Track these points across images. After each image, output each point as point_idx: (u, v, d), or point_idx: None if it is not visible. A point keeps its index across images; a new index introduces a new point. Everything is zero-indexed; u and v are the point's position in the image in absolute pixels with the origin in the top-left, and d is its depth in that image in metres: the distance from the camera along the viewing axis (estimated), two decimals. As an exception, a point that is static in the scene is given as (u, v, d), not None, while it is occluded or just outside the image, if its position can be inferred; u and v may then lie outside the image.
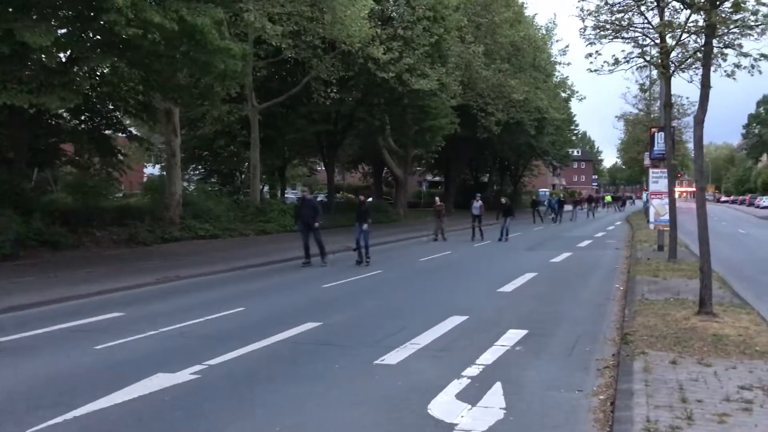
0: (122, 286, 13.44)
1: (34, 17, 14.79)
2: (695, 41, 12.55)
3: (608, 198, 78.32)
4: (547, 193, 73.59)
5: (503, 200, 29.22)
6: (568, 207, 54.21)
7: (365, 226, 17.53)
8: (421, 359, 7.67)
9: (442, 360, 7.65)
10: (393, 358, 7.68)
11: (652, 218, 22.16)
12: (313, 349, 8.23)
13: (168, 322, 9.77)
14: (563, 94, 58.35)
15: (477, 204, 28.01)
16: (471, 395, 6.25)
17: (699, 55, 11.66)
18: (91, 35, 16.98)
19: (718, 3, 9.63)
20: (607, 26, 13.83)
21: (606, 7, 13.00)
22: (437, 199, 31.71)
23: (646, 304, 10.67)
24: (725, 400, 5.72)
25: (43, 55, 15.72)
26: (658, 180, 21.65)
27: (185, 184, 32.27)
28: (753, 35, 10.39)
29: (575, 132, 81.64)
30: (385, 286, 14.22)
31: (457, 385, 6.55)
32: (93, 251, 19.59)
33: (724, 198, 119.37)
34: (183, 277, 14.87)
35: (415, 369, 7.26)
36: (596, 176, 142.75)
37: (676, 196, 19.78)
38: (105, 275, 14.78)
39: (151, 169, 44.44)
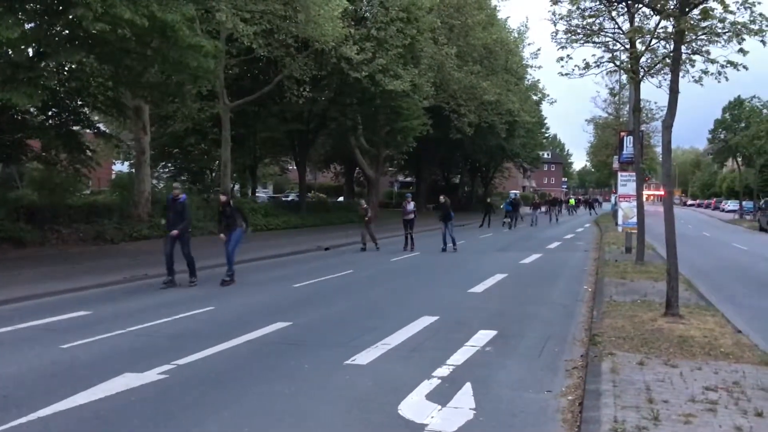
0: (89, 284, 13.21)
1: (0, 10, 14.46)
2: (664, 47, 12.78)
3: (572, 201, 72.23)
4: (517, 195, 74.14)
5: (441, 199, 23.82)
6: (526, 210, 51.50)
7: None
8: (392, 359, 7.66)
9: (412, 360, 7.65)
10: (363, 358, 7.67)
11: (620, 221, 22.49)
12: (282, 349, 8.18)
13: (136, 321, 9.63)
14: (534, 97, 58.93)
15: (409, 207, 23.64)
16: (441, 396, 6.26)
17: (668, 60, 11.87)
18: (59, 30, 16.66)
19: (687, 10, 9.80)
20: (579, 31, 14.01)
21: (577, 12, 13.14)
22: (362, 201, 26.83)
23: (613, 305, 10.81)
24: (690, 400, 5.82)
25: (9, 49, 15.40)
26: (626, 183, 21.98)
27: (154, 181, 31.89)
28: (720, 42, 10.58)
29: (546, 135, 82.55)
30: (356, 285, 14.19)
31: (427, 386, 6.56)
32: (59, 248, 19.25)
33: (690, 201, 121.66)
34: (152, 276, 14.66)
35: (386, 369, 7.26)
36: (566, 179, 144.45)
37: (644, 199, 20.08)
38: (71, 273, 14.53)
39: (120, 166, 43.83)
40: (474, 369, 7.27)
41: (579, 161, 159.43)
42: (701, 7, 9.90)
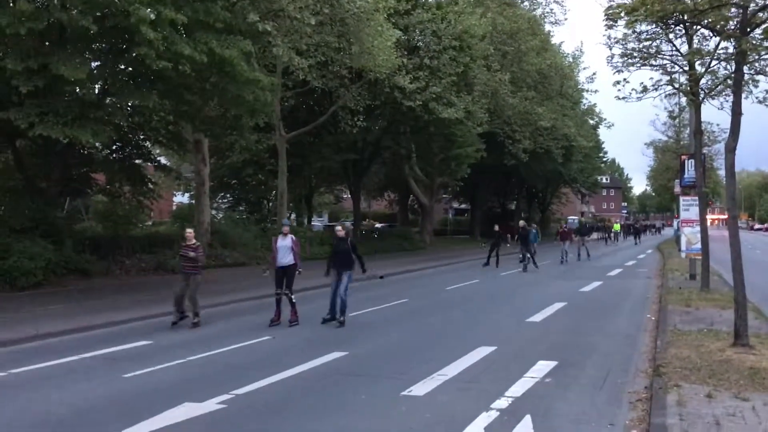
0: (150, 314, 13.51)
1: (69, 51, 15.16)
2: (725, 68, 12.48)
3: (616, 227, 56.43)
4: (576, 221, 72.71)
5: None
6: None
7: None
8: (449, 391, 7.56)
9: (470, 392, 7.53)
10: (420, 389, 7.59)
11: (683, 246, 21.85)
12: (339, 379, 8.17)
13: (195, 351, 9.79)
14: (591, 121, 58.08)
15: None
16: (500, 428, 6.14)
17: (729, 82, 11.57)
18: (122, 68, 17.35)
19: (748, 30, 9.55)
20: (635, 54, 13.80)
21: (633, 35, 12.95)
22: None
23: (678, 334, 10.45)
24: (764, 436, 5.54)
25: (77, 88, 16.10)
26: (689, 208, 21.36)
27: (214, 212, 32.61)
28: (784, 61, 10.28)
29: (604, 159, 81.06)
30: (412, 315, 14.10)
31: (485, 418, 6.44)
32: (122, 279, 19.80)
33: (758, 225, 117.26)
34: (211, 306, 14.91)
35: (443, 401, 7.16)
36: (626, 203, 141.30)
37: (708, 224, 19.46)
38: (133, 303, 14.90)
39: (181, 198, 45.03)
40: (534, 401, 7.10)
41: (639, 186, 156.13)
42: (763, 26, 9.65)
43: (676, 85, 15.67)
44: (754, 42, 9.78)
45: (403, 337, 11.40)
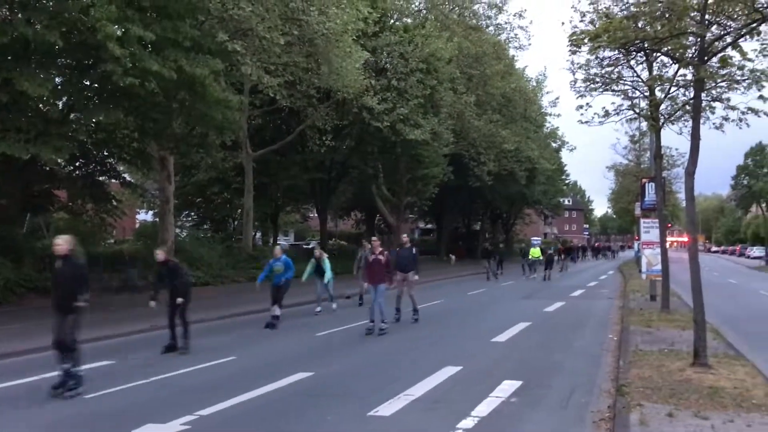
0: (113, 333, 13.31)
1: (33, 66, 14.97)
2: (684, 95, 12.86)
3: (535, 252, 36.06)
4: (539, 242, 73.45)
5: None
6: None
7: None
8: (416, 411, 7.58)
9: (436, 412, 7.56)
10: (387, 409, 7.59)
11: (644, 268, 22.22)
12: (305, 399, 8.13)
13: (160, 371, 9.65)
14: (554, 145, 59.15)
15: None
16: (466, 448, 6.16)
17: (688, 108, 11.93)
18: (88, 84, 17.17)
19: (706, 58, 9.88)
20: (597, 79, 14.13)
21: (596, 61, 13.27)
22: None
23: (640, 354, 10.64)
24: (723, 454, 5.67)
25: (40, 104, 15.88)
26: (649, 230, 21.79)
27: (178, 230, 32.24)
28: (740, 89, 10.67)
29: (566, 181, 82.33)
30: (377, 335, 14.08)
31: (452, 438, 6.47)
32: (83, 298, 19.38)
33: (714, 248, 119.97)
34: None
35: (410, 421, 7.18)
36: (587, 225, 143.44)
37: (668, 245, 19.88)
38: (96, 322, 14.57)
39: (144, 215, 44.40)
40: (499, 420, 7.16)
41: (600, 208, 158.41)
42: (720, 55, 9.99)
43: (637, 110, 16.11)
44: (711, 70, 10.11)
45: (369, 357, 11.40)
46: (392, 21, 34.33)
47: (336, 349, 12.16)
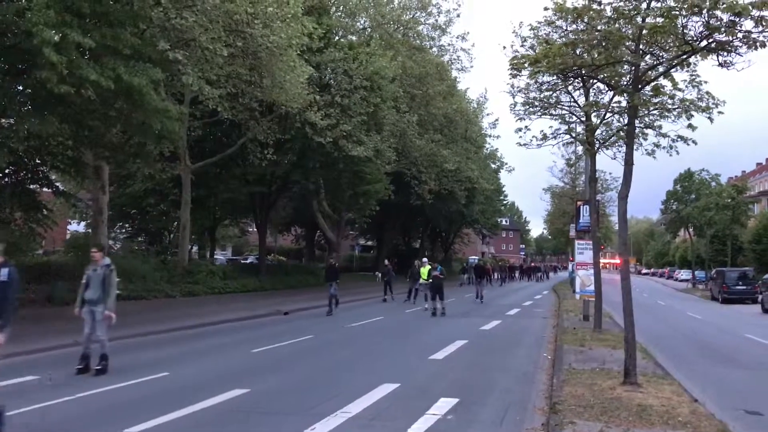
0: (39, 347, 12.80)
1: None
2: (618, 120, 13.33)
3: (423, 273, 26.00)
4: (476, 260, 74.51)
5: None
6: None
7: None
8: (352, 428, 7.53)
9: (373, 429, 7.53)
10: (323, 427, 7.52)
11: (578, 288, 22.81)
12: (240, 417, 7.98)
13: (87, 387, 9.32)
14: (493, 165, 60.26)
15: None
16: (402, 466, 6.15)
17: (622, 133, 12.36)
18: (21, 89, 16.57)
19: (640, 87, 10.27)
20: (536, 103, 14.52)
21: (535, 86, 13.62)
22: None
23: (573, 373, 10.86)
24: (651, 470, 5.82)
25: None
26: (583, 251, 22.40)
27: (111, 242, 31.32)
28: (671, 117, 11.11)
29: (504, 202, 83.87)
30: (317, 351, 13.98)
31: (388, 456, 6.44)
32: (8, 310, 18.57)
33: (644, 270, 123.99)
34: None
35: (346, 438, 7.12)
36: (523, 245, 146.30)
37: (601, 267, 20.44)
38: (21, 336, 13.95)
39: (76, 226, 42.97)
40: (435, 438, 7.17)
41: (536, 229, 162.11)
42: (653, 84, 10.40)
43: (574, 135, 16.61)
44: (644, 98, 10.51)
45: (307, 373, 11.28)
46: (337, 38, 34.49)
47: (272, 365, 12.00)
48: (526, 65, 11.30)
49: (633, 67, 10.30)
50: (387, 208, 45.55)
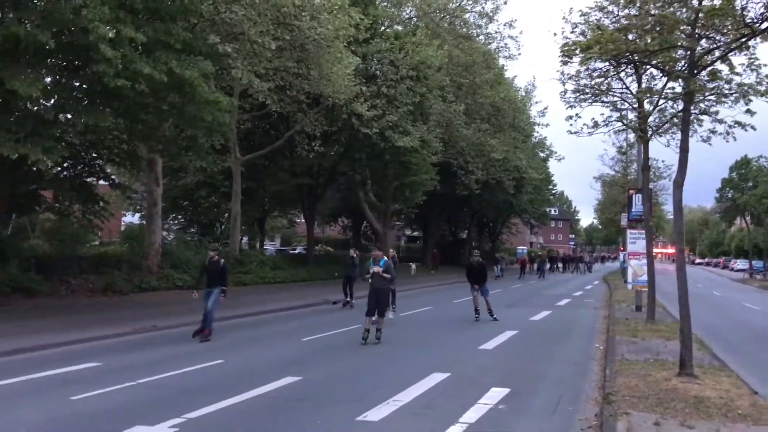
0: (99, 335, 13.20)
1: (23, 66, 14.84)
2: (672, 107, 13.00)
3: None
4: (525, 251, 73.87)
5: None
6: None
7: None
8: (404, 416, 7.59)
9: (425, 417, 7.57)
10: (375, 414, 7.59)
11: (630, 278, 22.39)
12: (293, 404, 8.12)
13: (146, 373, 9.60)
14: (542, 154, 59.37)
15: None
16: (455, 454, 6.18)
17: (676, 120, 12.06)
18: (78, 84, 17.05)
19: (696, 72, 10.00)
20: (587, 90, 14.24)
21: (586, 72, 13.38)
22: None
23: (626, 364, 10.70)
24: (709, 462, 5.72)
25: (29, 104, 15.76)
26: (635, 241, 21.96)
27: (165, 233, 32.05)
28: (728, 103, 10.79)
29: (553, 191, 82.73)
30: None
31: (441, 444, 6.48)
32: (68, 299, 19.25)
33: (698, 260, 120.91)
34: (161, 328, 14.66)
35: (398, 426, 7.18)
36: (573, 235, 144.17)
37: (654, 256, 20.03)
38: (81, 324, 14.50)
39: (130, 218, 44.12)
40: (488, 427, 7.19)
41: (586, 218, 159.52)
42: (709, 69, 10.12)
43: (626, 122, 16.25)
44: (700, 83, 10.24)
45: (357, 362, 11.39)
46: (383, 28, 34.42)
47: (323, 354, 12.15)
48: (577, 52, 11.11)
49: (688, 52, 10.04)
50: (433, 199, 45.40)
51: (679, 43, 10.07)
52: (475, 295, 18.40)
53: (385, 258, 14.10)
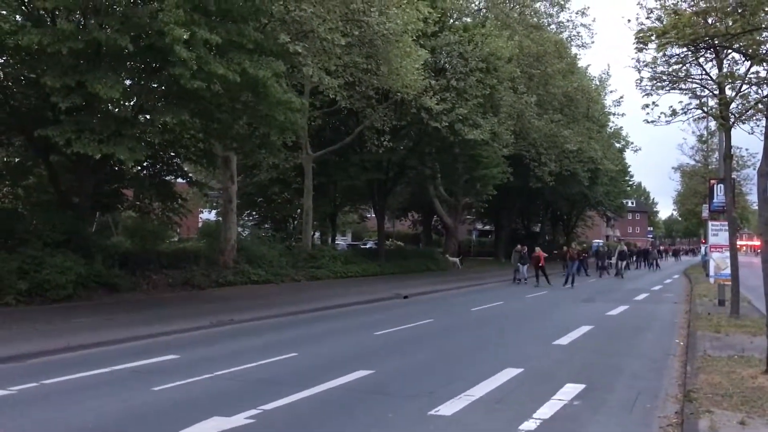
0: (178, 328, 13.67)
1: (104, 69, 15.50)
2: (756, 92, 12.43)
3: None
4: (600, 244, 71.99)
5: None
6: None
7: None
8: (477, 411, 7.55)
9: (498, 413, 7.51)
10: (448, 409, 7.58)
11: (712, 272, 21.57)
12: (366, 397, 8.19)
13: (223, 366, 9.87)
14: (617, 145, 57.63)
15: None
16: (529, 450, 6.10)
17: (761, 106, 11.51)
18: (155, 86, 17.70)
19: (781, 54, 9.53)
20: (664, 77, 13.80)
21: (663, 59, 12.96)
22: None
23: (708, 360, 10.31)
24: (799, 464, 5.46)
25: (110, 105, 16.47)
26: (717, 233, 21.13)
27: (240, 229, 32.90)
28: (817, 86, 10.22)
29: (630, 183, 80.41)
30: (438, 335, 14.08)
31: (514, 439, 6.42)
32: (150, 294, 20.03)
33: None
34: (237, 321, 15.05)
35: (471, 421, 7.15)
36: (651, 228, 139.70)
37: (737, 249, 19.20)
38: (161, 317, 15.06)
39: (207, 215, 45.46)
40: (562, 423, 7.07)
41: (665, 210, 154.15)
42: (796, 51, 9.62)
43: (706, 109, 15.63)
44: (787, 66, 9.75)
45: (428, 356, 11.40)
46: (452, 20, 34.20)
47: (396, 348, 12.21)
48: (653, 38, 10.79)
49: (774, 34, 9.57)
50: (505, 192, 44.83)
51: (764, 25, 9.60)
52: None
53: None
